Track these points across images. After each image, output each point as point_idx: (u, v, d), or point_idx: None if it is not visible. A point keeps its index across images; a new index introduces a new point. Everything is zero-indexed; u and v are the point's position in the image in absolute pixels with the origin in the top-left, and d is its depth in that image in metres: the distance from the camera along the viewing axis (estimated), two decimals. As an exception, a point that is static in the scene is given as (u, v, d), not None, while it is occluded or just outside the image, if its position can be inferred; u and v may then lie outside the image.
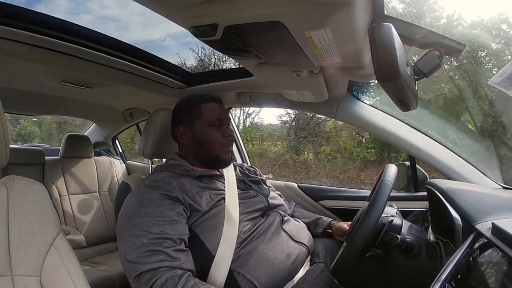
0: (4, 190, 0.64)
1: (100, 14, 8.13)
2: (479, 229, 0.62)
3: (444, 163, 1.10)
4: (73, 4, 7.75)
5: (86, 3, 7.73)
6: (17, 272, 0.60)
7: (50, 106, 1.97)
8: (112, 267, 1.52)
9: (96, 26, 5.64)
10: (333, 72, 0.98)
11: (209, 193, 0.92)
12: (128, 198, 0.89)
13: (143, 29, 8.15)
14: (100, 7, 1.67)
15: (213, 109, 1.01)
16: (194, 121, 0.99)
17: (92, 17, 7.90)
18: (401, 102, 0.72)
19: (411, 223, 0.89)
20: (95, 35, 1.01)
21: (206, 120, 0.99)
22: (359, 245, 0.75)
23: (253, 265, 0.84)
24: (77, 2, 7.42)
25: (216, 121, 1.00)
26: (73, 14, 7.68)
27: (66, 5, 7.78)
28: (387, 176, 0.80)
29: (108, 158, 2.13)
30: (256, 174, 1.17)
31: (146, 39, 1.61)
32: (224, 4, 0.59)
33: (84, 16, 7.43)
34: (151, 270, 0.74)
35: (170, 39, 7.04)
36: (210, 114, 1.00)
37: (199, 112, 1.00)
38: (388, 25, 0.56)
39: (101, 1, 1.65)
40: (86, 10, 8.08)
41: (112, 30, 8.78)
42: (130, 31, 3.23)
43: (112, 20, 7.66)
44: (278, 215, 0.98)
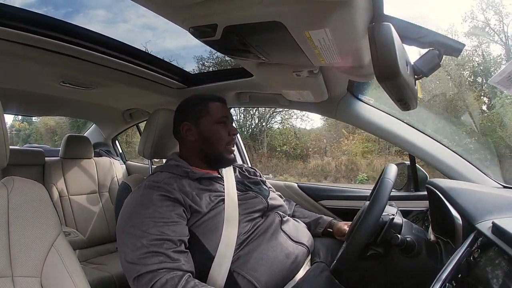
0: (5, 191, 0.64)
1: (138, 22, 8.17)
2: (479, 228, 0.62)
3: (444, 162, 1.10)
4: (110, 14, 7.79)
5: (123, 12, 7.76)
6: (17, 273, 0.60)
7: (50, 106, 1.97)
8: (113, 268, 1.52)
9: (135, 36, 5.65)
10: (333, 72, 0.98)
11: (208, 195, 0.92)
12: (128, 199, 0.89)
13: (179, 36, 8.05)
14: (137, 16, 1.68)
15: (219, 108, 1.03)
16: (201, 118, 1.00)
17: (130, 26, 7.90)
18: (401, 102, 0.72)
19: (412, 223, 0.89)
20: (94, 35, 1.01)
21: (213, 118, 1.00)
22: (359, 244, 0.75)
23: (252, 265, 0.84)
24: (114, 12, 7.45)
25: (222, 119, 1.01)
26: (111, 23, 7.71)
27: (104, 15, 7.81)
28: (387, 175, 0.80)
29: (108, 159, 2.13)
30: (256, 175, 1.17)
31: (183, 45, 1.57)
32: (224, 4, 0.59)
33: (122, 25, 7.46)
34: (151, 271, 0.74)
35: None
36: (217, 112, 1.01)
37: (206, 109, 1.01)
38: (388, 25, 0.56)
39: (137, 11, 1.63)
40: (124, 19, 8.12)
41: (149, 37, 8.83)
42: (167, 38, 3.23)
43: (148, 28, 7.70)
44: (277, 215, 0.98)
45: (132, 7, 7.40)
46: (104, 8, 6.76)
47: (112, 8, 7.21)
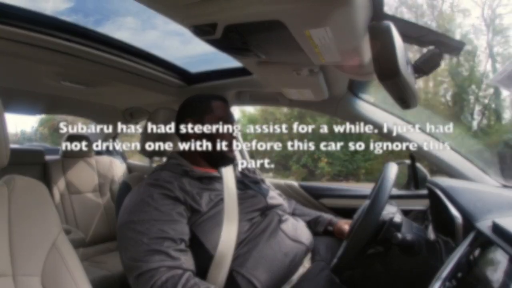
0: (5, 190, 0.64)
1: (165, 29, 8.29)
2: (479, 227, 0.62)
3: (445, 161, 1.10)
4: (139, 21, 7.88)
5: (151, 19, 7.84)
6: (18, 272, 0.61)
7: (50, 105, 1.96)
8: (113, 266, 1.53)
9: (163, 42, 5.95)
10: (333, 71, 0.98)
11: (208, 194, 0.92)
12: (128, 197, 0.89)
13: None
14: (164, 23, 1.67)
15: (222, 106, 1.04)
16: (204, 116, 1.01)
17: (159, 33, 7.98)
18: (401, 100, 0.72)
19: (412, 221, 0.89)
20: (94, 34, 1.01)
21: (216, 115, 1.01)
22: (359, 243, 0.75)
23: (252, 264, 0.84)
24: (142, 19, 7.52)
25: (225, 117, 1.02)
26: (140, 30, 7.83)
27: (132, 22, 7.92)
28: (388, 174, 0.80)
29: (109, 158, 2.13)
30: (255, 173, 1.17)
31: (213, 51, 1.57)
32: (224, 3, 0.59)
33: (150, 32, 7.55)
34: (151, 269, 0.74)
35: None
36: (220, 111, 1.03)
37: (210, 107, 1.02)
38: (388, 23, 0.56)
39: (164, 17, 1.64)
40: (152, 26, 8.23)
41: (177, 44, 8.92)
42: (195, 44, 3.25)
43: (176, 34, 7.77)
44: (276, 214, 0.98)
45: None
46: (132, 15, 6.85)
47: (140, 14, 7.32)
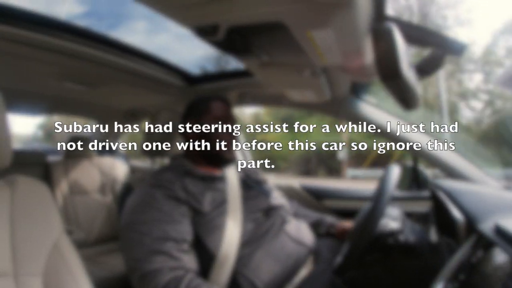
0: (7, 190, 0.65)
1: (177, 31, 8.48)
2: (482, 229, 0.62)
3: (447, 162, 1.09)
4: (151, 25, 8.10)
5: (162, 23, 8.04)
6: (20, 272, 0.61)
7: (52, 106, 1.97)
8: (115, 267, 1.53)
9: (174, 45, 5.85)
10: (335, 72, 0.98)
11: (211, 194, 0.92)
12: (131, 198, 0.90)
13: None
14: (175, 26, 1.66)
15: (221, 106, 1.04)
16: (203, 116, 1.01)
17: (170, 35, 8.16)
18: (403, 101, 0.72)
19: (414, 223, 0.89)
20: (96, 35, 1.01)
21: (214, 115, 1.01)
22: (361, 245, 0.75)
23: (254, 265, 0.84)
24: (155, 23, 7.73)
25: (223, 117, 1.02)
26: (152, 33, 8.00)
27: (144, 25, 8.16)
28: (390, 176, 0.80)
29: (111, 159, 2.14)
30: (258, 174, 1.17)
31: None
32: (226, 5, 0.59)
33: (162, 35, 7.74)
34: (154, 270, 0.74)
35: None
36: (218, 111, 1.03)
37: (208, 107, 1.02)
38: (390, 25, 0.56)
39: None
40: (164, 29, 8.40)
41: (190, 46, 9.08)
42: (207, 47, 3.26)
43: (187, 37, 7.91)
44: (279, 215, 0.98)
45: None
46: (145, 19, 7.02)
47: (153, 18, 7.49)
